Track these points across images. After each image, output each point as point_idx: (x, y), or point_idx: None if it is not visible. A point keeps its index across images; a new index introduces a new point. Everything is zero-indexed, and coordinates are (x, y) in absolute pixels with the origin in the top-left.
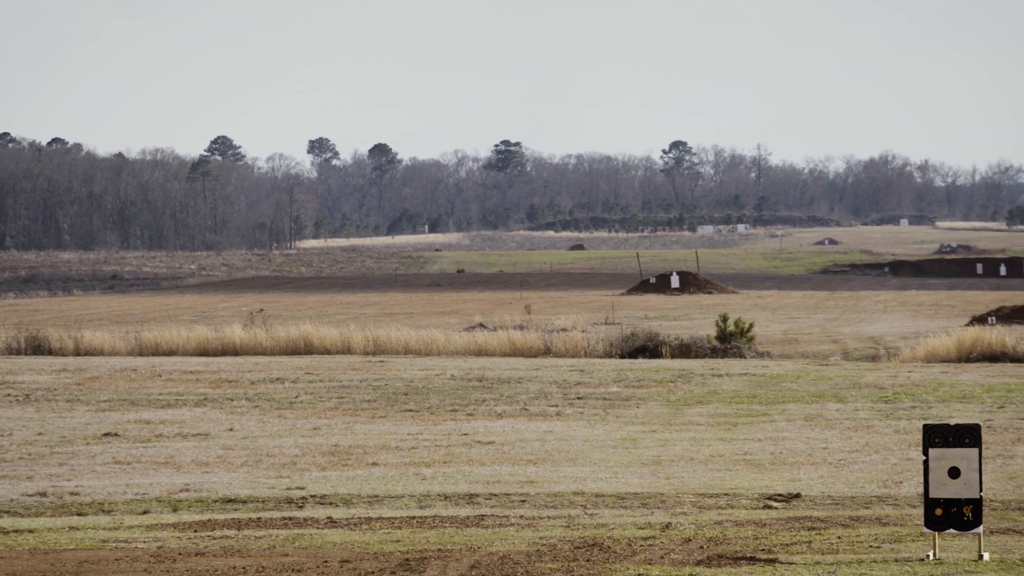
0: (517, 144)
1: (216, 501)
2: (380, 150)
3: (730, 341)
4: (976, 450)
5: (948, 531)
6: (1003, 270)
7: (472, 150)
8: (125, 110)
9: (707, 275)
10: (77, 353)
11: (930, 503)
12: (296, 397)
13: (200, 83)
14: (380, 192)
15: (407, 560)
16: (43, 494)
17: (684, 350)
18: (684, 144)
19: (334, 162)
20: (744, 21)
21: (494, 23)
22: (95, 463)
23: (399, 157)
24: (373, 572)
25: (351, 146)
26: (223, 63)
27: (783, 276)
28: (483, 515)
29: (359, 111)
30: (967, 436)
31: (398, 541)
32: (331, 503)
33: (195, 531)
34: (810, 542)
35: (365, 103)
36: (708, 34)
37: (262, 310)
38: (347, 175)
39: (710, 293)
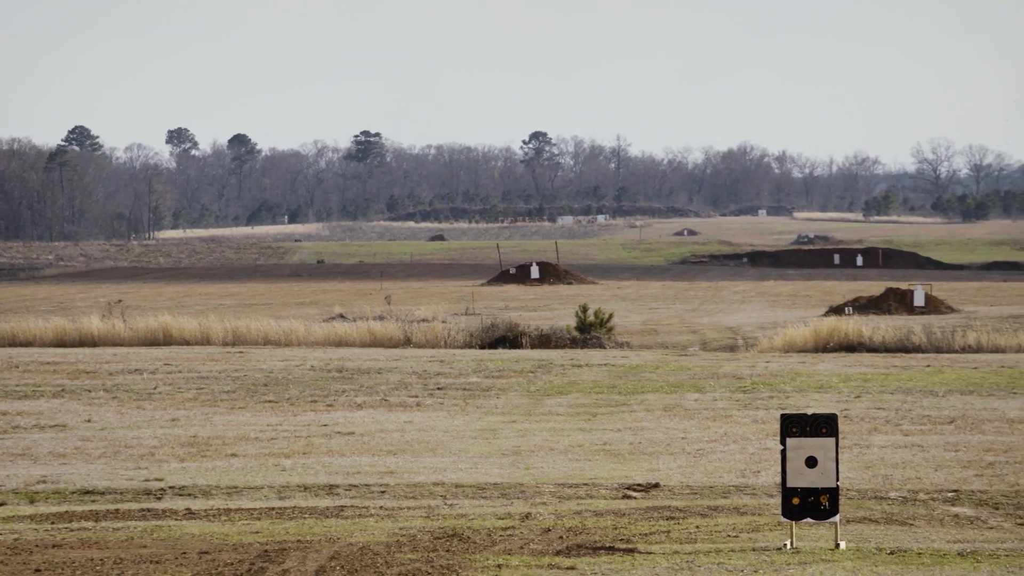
0: (377, 135)
1: (74, 493)
2: (239, 140)
3: (590, 331)
4: (833, 439)
5: (805, 520)
6: (860, 260)
7: (332, 140)
8: None
9: (567, 266)
10: None
11: (787, 492)
12: (155, 388)
13: (58, 73)
14: (239, 182)
15: (266, 551)
16: None
17: (544, 340)
18: (544, 135)
19: (193, 152)
20: (603, 11)
21: (354, 13)
22: None
23: (258, 147)
24: (232, 563)
25: (210, 136)
26: (81, 52)
27: (643, 267)
28: (343, 506)
29: (218, 101)
30: (824, 426)
31: (257, 532)
32: (190, 494)
33: (52, 523)
34: (669, 532)
35: (224, 93)
36: (567, 24)
37: (120, 301)
38: (206, 165)
39: (570, 284)
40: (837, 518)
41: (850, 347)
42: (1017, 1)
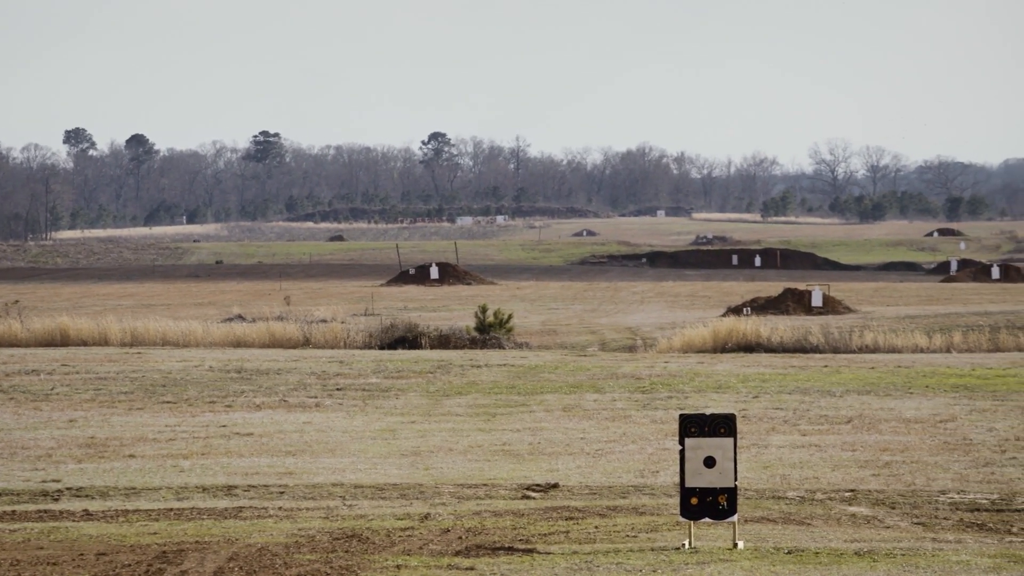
0: (276, 135)
1: None
2: (137, 140)
3: (489, 332)
4: (731, 439)
5: (704, 520)
6: (758, 261)
7: (231, 141)
8: None
9: (466, 266)
10: None
11: (686, 492)
12: (52, 389)
13: None
14: (138, 183)
15: (164, 552)
16: None
17: (443, 341)
18: (443, 135)
19: (91, 152)
20: (502, 10)
21: (253, 12)
22: None
23: (156, 148)
24: (130, 565)
25: (108, 136)
26: None
27: (542, 267)
28: (241, 507)
29: (116, 101)
30: (722, 426)
31: (155, 533)
32: (87, 495)
33: None
34: (568, 532)
35: (122, 93)
36: (466, 24)
37: (17, 301)
38: (104, 165)
39: (469, 284)
40: (735, 518)
41: (748, 347)
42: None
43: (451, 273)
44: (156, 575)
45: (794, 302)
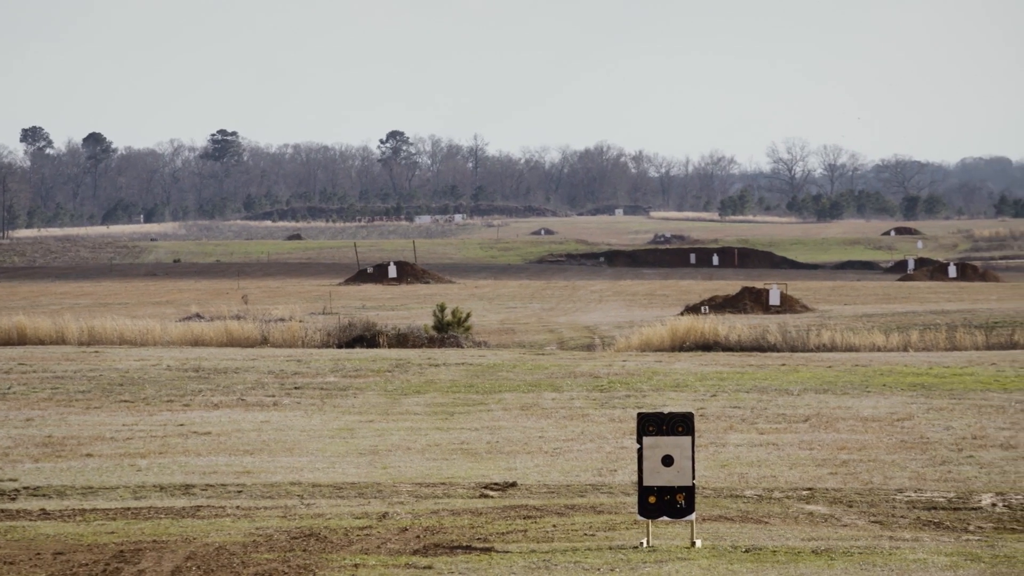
0: (234, 133)
1: None
2: (95, 139)
3: (447, 331)
4: (689, 438)
5: (661, 519)
6: (716, 260)
7: (188, 139)
8: None
9: (425, 265)
10: None
11: (644, 491)
12: (9, 388)
13: None
14: (95, 181)
15: (122, 552)
16: None
17: (402, 340)
18: (401, 134)
19: (48, 151)
20: (458, 9)
21: (210, 10)
22: None
23: (114, 146)
24: (87, 564)
25: (65, 135)
26: None
27: (500, 266)
28: (199, 506)
29: (73, 100)
30: (680, 424)
31: (112, 533)
32: (44, 495)
33: None
34: (526, 531)
35: (79, 92)
36: (424, 24)
37: None
38: (61, 164)
39: (427, 283)
40: (693, 516)
41: (706, 346)
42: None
43: (409, 272)
44: (113, 574)
45: (752, 301)
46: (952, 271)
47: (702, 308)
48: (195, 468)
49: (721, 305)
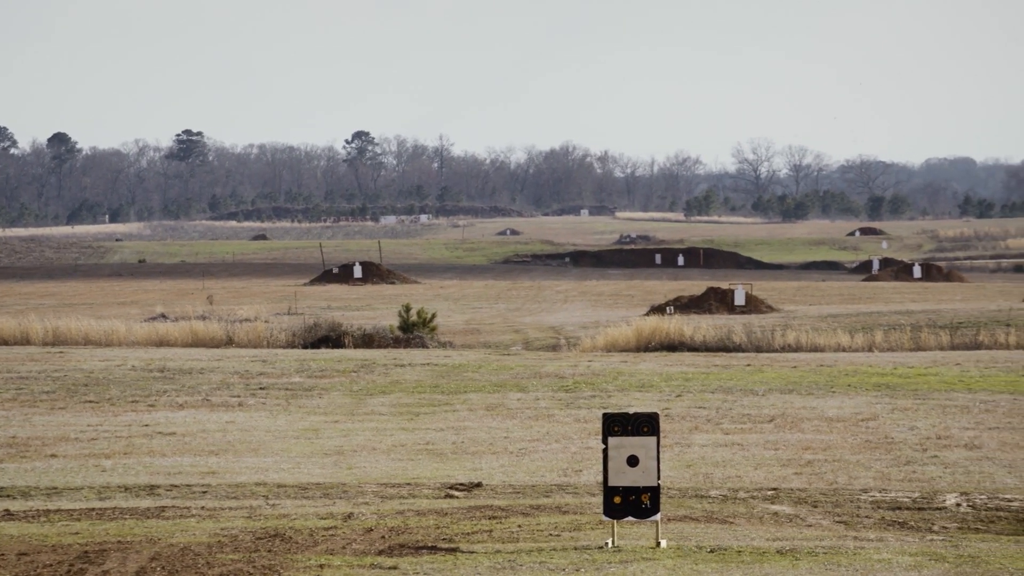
0: (199, 134)
1: None
2: (59, 139)
3: (413, 331)
4: (654, 438)
5: (627, 519)
6: (681, 260)
7: (153, 139)
8: None
9: (390, 265)
10: None
11: (609, 491)
12: None
13: None
14: (60, 182)
15: (86, 552)
16: None
17: (367, 340)
18: (367, 134)
19: (12, 151)
20: (423, 7)
21: (175, 10)
22: None
23: (79, 146)
24: (51, 565)
25: (29, 135)
26: None
27: (465, 266)
28: (164, 506)
29: (37, 99)
30: (645, 424)
31: (77, 533)
32: (8, 495)
33: None
34: (491, 531)
35: (44, 91)
36: (389, 23)
37: None
38: (25, 164)
39: (393, 283)
40: (658, 516)
41: (672, 346)
42: (833, 1)
43: (375, 272)
44: (78, 575)
45: (717, 301)
46: (917, 271)
47: (667, 308)
48: (160, 469)
49: (686, 305)
